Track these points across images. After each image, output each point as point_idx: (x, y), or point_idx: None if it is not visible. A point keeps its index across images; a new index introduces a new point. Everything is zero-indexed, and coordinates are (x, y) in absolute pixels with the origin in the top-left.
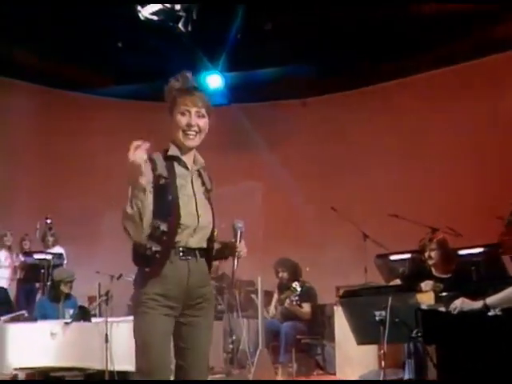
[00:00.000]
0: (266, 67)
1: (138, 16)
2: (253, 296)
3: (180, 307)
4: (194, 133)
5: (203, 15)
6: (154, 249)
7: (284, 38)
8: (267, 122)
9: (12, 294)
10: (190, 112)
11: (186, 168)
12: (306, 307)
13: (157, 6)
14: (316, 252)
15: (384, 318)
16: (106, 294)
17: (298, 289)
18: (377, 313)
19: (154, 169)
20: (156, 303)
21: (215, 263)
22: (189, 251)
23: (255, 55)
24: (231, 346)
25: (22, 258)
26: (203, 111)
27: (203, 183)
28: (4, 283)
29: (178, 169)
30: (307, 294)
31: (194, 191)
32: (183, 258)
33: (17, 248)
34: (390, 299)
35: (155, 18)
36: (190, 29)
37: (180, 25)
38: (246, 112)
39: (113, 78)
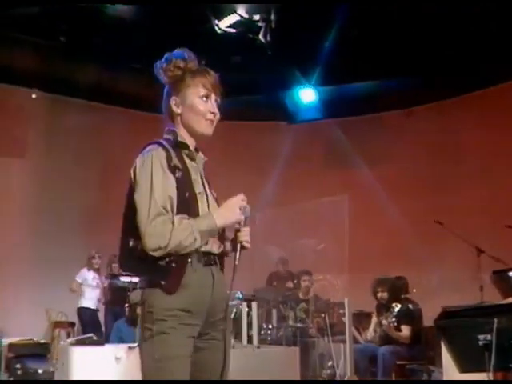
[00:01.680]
0: (362, 80)
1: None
2: (343, 319)
3: (200, 326)
4: (214, 121)
5: (294, 28)
6: (167, 259)
7: (379, 49)
8: (367, 136)
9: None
10: (210, 97)
11: (194, 160)
12: (405, 330)
13: (234, 18)
14: (422, 271)
15: (489, 342)
16: None
17: (396, 309)
18: (480, 336)
19: (168, 158)
20: (178, 321)
21: (306, 284)
22: (210, 257)
23: (349, 67)
24: (328, 372)
25: (108, 280)
26: (219, 99)
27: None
28: (92, 304)
29: (187, 161)
30: (407, 316)
31: (204, 188)
32: (207, 264)
33: (105, 270)
34: (495, 321)
35: (233, 30)
36: (269, 39)
37: (260, 36)
38: (342, 126)
39: None
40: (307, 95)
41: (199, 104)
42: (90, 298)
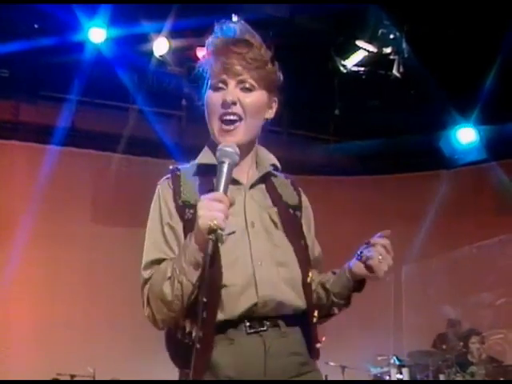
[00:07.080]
0: None
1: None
2: None
3: None
4: (232, 117)
5: (446, 62)
6: (194, 334)
7: None
8: None
9: None
10: (226, 83)
11: (236, 182)
12: None
13: (360, 55)
14: None
15: None
16: None
17: None
18: None
19: (175, 194)
20: None
21: (476, 346)
22: (262, 319)
23: None
24: None
25: None
26: (251, 81)
27: (279, 197)
28: None
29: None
30: None
31: (246, 221)
32: (251, 330)
33: None
34: None
35: (361, 68)
36: (402, 71)
37: (394, 70)
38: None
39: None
40: (466, 135)
41: (208, 98)
42: None
